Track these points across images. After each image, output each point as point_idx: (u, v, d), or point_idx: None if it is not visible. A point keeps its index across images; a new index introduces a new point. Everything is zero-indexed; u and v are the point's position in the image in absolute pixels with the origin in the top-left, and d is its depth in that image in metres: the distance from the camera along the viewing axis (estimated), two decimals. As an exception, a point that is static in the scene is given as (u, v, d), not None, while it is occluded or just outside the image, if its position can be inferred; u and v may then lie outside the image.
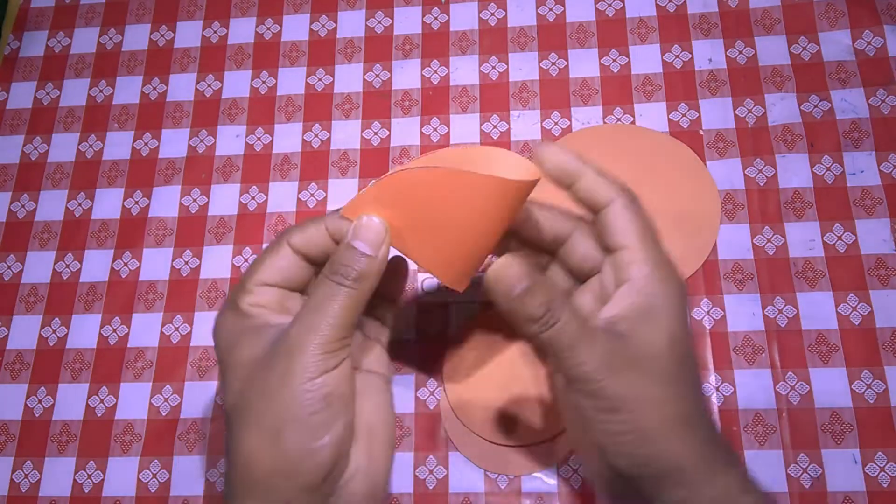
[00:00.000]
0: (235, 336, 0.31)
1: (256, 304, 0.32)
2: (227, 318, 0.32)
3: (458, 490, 0.42)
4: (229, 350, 0.31)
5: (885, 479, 0.40)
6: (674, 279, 0.32)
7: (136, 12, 0.58)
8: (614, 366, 0.30)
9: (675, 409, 0.30)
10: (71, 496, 0.45)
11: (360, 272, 0.31)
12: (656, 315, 0.31)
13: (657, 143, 0.49)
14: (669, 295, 0.31)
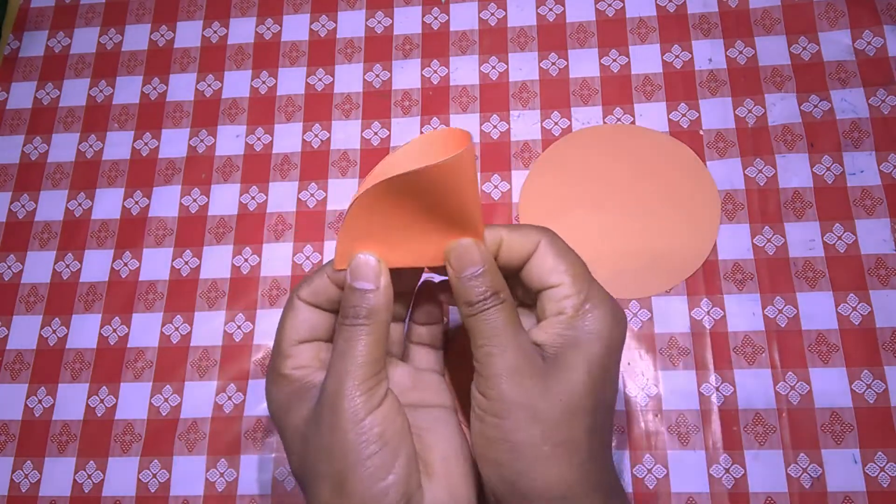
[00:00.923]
0: (285, 402, 0.32)
1: (298, 367, 0.33)
2: (274, 386, 0.33)
3: (458, 490, 0.42)
4: (282, 417, 0.32)
5: (885, 479, 0.40)
6: (608, 318, 0.31)
7: (136, 12, 0.58)
8: (520, 371, 0.29)
9: (566, 434, 0.29)
10: (71, 496, 0.45)
11: (369, 308, 0.31)
12: (582, 348, 0.30)
13: (657, 143, 0.49)
14: (601, 334, 0.31)
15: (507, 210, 0.48)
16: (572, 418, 0.29)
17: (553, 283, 0.32)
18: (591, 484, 0.29)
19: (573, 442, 0.29)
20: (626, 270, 0.46)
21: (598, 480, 0.30)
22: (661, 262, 0.46)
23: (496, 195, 0.49)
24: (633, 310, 0.45)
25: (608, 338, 0.31)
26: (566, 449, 0.29)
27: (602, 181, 0.49)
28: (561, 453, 0.29)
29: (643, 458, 0.42)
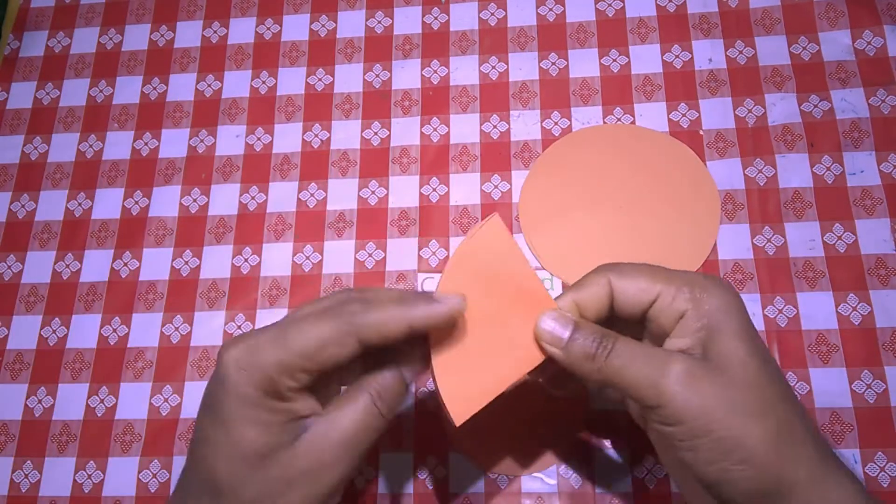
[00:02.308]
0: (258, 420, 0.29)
1: (298, 390, 0.29)
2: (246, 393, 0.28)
3: (458, 490, 0.42)
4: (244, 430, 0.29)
5: (885, 479, 0.40)
6: (722, 290, 0.30)
7: (136, 12, 0.58)
8: (688, 378, 0.28)
9: (775, 418, 0.28)
10: (71, 496, 0.45)
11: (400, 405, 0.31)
12: (722, 328, 0.29)
13: (657, 143, 0.49)
14: (729, 306, 0.30)
15: (508, 210, 0.48)
16: (764, 387, 0.28)
17: (650, 299, 0.31)
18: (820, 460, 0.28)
19: (778, 404, 0.28)
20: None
21: (822, 450, 0.29)
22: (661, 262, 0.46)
23: (496, 195, 0.49)
24: (633, 310, 0.45)
25: (735, 306, 0.30)
26: (785, 431, 0.28)
27: (602, 181, 0.49)
28: (784, 437, 0.28)
29: (644, 459, 0.42)
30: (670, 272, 0.32)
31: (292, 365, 0.28)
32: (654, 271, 0.32)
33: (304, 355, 0.28)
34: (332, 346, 0.29)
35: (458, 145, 0.50)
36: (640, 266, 0.32)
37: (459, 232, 0.48)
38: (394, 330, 0.29)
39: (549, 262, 0.47)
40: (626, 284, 0.31)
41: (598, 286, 0.32)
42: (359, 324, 0.29)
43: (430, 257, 0.48)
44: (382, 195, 0.50)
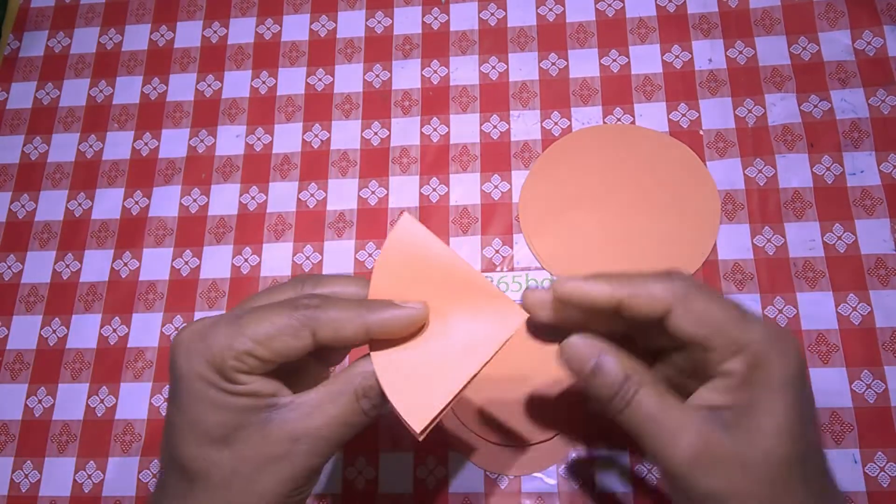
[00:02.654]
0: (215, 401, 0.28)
1: (247, 373, 0.28)
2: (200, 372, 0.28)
3: (458, 490, 0.42)
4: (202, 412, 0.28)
5: (885, 479, 0.40)
6: (782, 361, 0.26)
7: (136, 12, 0.58)
8: (708, 462, 0.26)
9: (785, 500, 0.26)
10: (71, 496, 0.45)
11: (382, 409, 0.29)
12: (765, 407, 0.26)
13: (657, 143, 0.49)
14: (783, 384, 0.26)
15: (508, 210, 0.48)
16: (786, 487, 0.26)
17: (706, 345, 0.27)
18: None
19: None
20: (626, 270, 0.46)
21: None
22: (661, 261, 0.46)
23: (496, 195, 0.49)
24: (633, 310, 0.45)
25: (790, 382, 0.26)
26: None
27: (602, 181, 0.49)
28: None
29: (644, 459, 0.42)
30: (741, 323, 0.27)
31: (241, 348, 0.27)
32: (726, 316, 0.27)
33: (254, 340, 0.27)
34: (285, 336, 0.28)
35: (458, 145, 0.50)
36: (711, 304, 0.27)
37: (459, 232, 0.48)
38: (350, 332, 0.28)
39: (548, 262, 0.47)
40: (685, 323, 0.27)
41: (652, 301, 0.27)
42: (315, 319, 0.28)
43: (430, 257, 0.48)
44: (382, 195, 0.50)
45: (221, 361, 0.27)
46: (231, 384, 0.28)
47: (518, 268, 0.47)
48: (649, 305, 0.27)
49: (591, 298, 0.28)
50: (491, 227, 0.48)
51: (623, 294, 0.28)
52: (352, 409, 0.28)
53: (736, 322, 0.27)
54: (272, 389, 0.28)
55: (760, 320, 0.27)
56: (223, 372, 0.28)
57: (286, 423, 0.28)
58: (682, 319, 0.27)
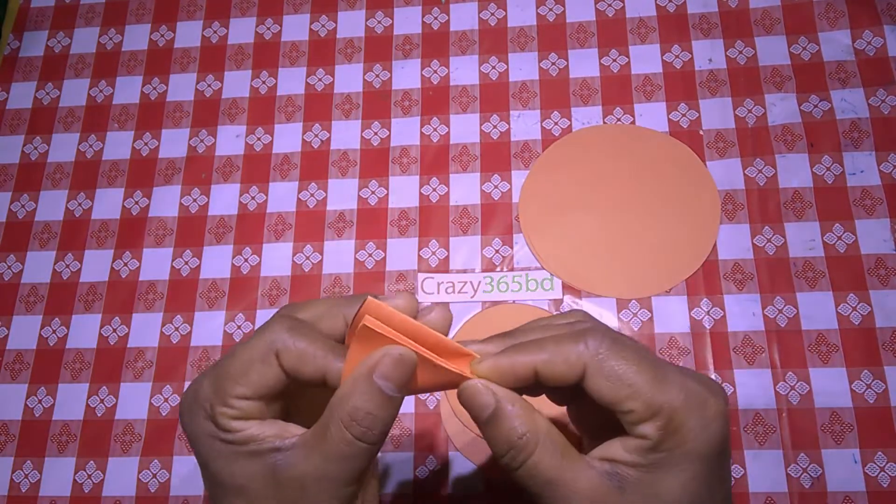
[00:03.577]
0: (223, 453, 0.27)
1: (239, 418, 0.27)
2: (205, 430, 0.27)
3: (458, 490, 0.42)
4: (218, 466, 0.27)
5: (885, 479, 0.40)
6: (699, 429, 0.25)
7: (136, 12, 0.58)
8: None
9: None
10: (71, 496, 0.45)
11: (386, 423, 0.26)
12: (673, 473, 0.25)
13: (657, 143, 0.49)
14: (696, 452, 0.25)
15: (508, 210, 0.48)
16: None
17: (618, 409, 0.26)
18: None
19: None
20: (626, 270, 0.46)
21: None
22: (661, 262, 0.46)
23: (496, 195, 0.49)
24: (633, 310, 0.45)
25: (705, 452, 0.25)
26: None
27: (602, 181, 0.49)
28: None
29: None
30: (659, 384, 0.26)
31: (225, 392, 0.26)
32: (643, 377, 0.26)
33: (232, 378, 0.26)
34: (257, 365, 0.26)
35: (458, 145, 0.50)
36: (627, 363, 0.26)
37: (459, 232, 0.48)
38: (309, 370, 0.26)
39: (549, 262, 0.47)
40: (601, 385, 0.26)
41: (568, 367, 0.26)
42: (280, 343, 0.26)
43: (430, 257, 0.48)
44: (382, 195, 0.50)
45: (213, 412, 0.26)
46: (228, 433, 0.26)
47: (518, 268, 0.47)
48: (563, 373, 0.26)
49: (511, 374, 0.27)
50: (491, 227, 0.48)
51: (538, 362, 0.26)
52: (345, 442, 0.26)
53: (653, 384, 0.25)
54: (274, 432, 0.27)
55: (682, 381, 0.26)
56: (217, 422, 0.26)
57: (291, 467, 0.26)
58: (597, 383, 0.26)
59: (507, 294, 0.46)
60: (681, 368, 0.27)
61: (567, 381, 0.26)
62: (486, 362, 0.27)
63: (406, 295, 0.28)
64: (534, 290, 0.46)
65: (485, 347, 0.28)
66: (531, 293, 0.46)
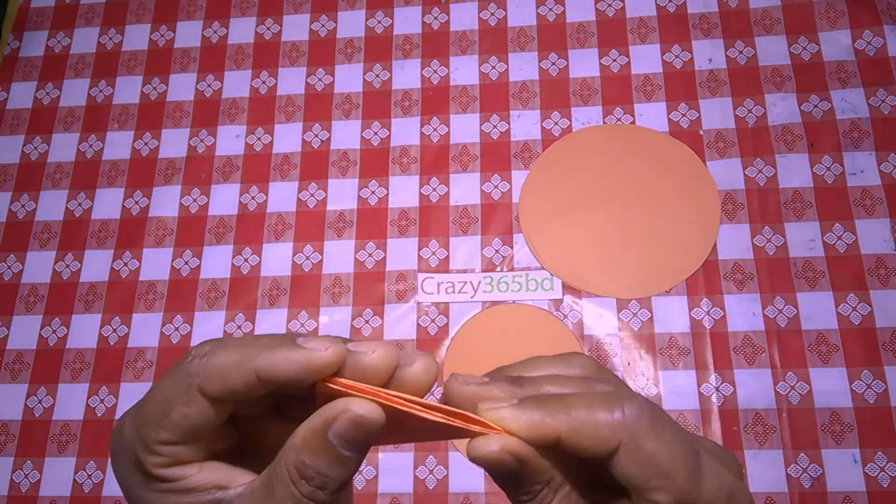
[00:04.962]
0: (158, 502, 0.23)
1: (172, 465, 0.23)
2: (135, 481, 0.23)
3: (458, 490, 0.42)
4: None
5: (885, 479, 0.40)
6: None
7: (136, 12, 0.58)
8: None
9: None
10: (71, 496, 0.45)
11: (342, 483, 0.22)
12: None
13: (657, 143, 0.49)
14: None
15: (508, 210, 0.48)
16: None
17: (645, 496, 0.22)
18: None
19: None
20: (626, 270, 0.46)
21: None
22: (661, 262, 0.46)
23: (496, 195, 0.49)
24: (633, 310, 0.45)
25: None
26: None
27: (602, 181, 0.49)
28: None
29: None
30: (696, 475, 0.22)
31: (148, 438, 0.22)
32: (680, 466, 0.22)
33: (151, 423, 0.22)
34: (176, 406, 0.22)
35: (458, 145, 0.50)
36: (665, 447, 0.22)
37: (459, 232, 0.48)
38: (238, 380, 0.22)
39: (549, 262, 0.47)
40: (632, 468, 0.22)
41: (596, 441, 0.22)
42: (195, 375, 0.22)
43: (429, 257, 0.48)
44: (382, 195, 0.50)
45: (140, 461, 0.22)
46: (162, 483, 0.22)
47: (518, 268, 0.47)
48: (590, 447, 0.22)
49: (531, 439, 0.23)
50: (491, 227, 0.48)
51: (561, 429, 0.22)
52: (289, 497, 0.22)
53: (689, 474, 0.22)
54: (216, 479, 0.23)
55: (717, 471, 0.23)
56: (147, 472, 0.22)
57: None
58: (627, 466, 0.22)
59: (507, 294, 0.46)
60: (711, 446, 0.24)
61: (591, 454, 0.22)
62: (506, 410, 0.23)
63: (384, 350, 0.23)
64: (534, 290, 0.46)
65: (488, 389, 0.24)
66: (531, 293, 0.46)
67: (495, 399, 0.23)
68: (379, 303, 0.47)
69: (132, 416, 0.23)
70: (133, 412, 0.23)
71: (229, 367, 0.22)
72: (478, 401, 0.23)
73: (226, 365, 0.22)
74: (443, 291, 0.47)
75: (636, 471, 0.22)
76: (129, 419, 0.23)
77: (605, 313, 0.45)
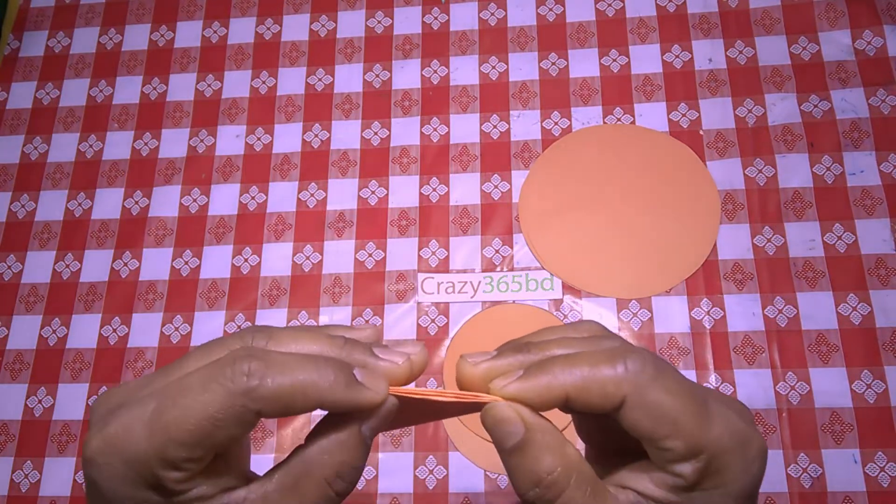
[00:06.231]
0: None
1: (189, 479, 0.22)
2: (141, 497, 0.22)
3: (458, 490, 0.42)
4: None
5: (885, 479, 0.40)
6: (741, 472, 0.23)
7: (136, 12, 0.58)
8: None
9: None
10: (71, 496, 0.45)
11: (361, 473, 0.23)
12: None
13: (657, 143, 0.49)
14: (733, 497, 0.24)
15: (508, 210, 0.48)
16: None
17: (657, 446, 0.23)
18: None
19: None
20: (626, 270, 0.46)
21: None
22: (661, 262, 0.46)
23: (496, 195, 0.49)
24: (633, 310, 0.45)
25: (744, 495, 0.24)
26: None
27: (602, 181, 0.49)
28: None
29: None
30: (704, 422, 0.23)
31: (176, 455, 0.21)
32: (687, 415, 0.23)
33: (187, 444, 0.21)
34: (226, 427, 0.21)
35: (458, 145, 0.50)
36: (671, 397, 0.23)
37: (459, 232, 0.48)
38: (300, 408, 0.22)
39: (549, 262, 0.47)
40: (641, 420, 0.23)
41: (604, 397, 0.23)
42: (256, 400, 0.21)
43: (429, 257, 0.48)
44: (382, 195, 0.50)
45: (158, 478, 0.22)
46: (175, 496, 0.22)
47: (518, 268, 0.47)
48: (598, 402, 0.23)
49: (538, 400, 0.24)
50: (491, 227, 0.48)
51: (569, 387, 0.23)
52: (322, 498, 0.23)
53: (698, 422, 0.23)
54: (220, 487, 0.23)
55: (727, 416, 0.24)
56: (165, 488, 0.22)
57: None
58: (635, 417, 0.23)
59: (507, 294, 0.46)
60: (720, 396, 0.25)
61: (600, 410, 0.23)
62: (513, 384, 0.24)
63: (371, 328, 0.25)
64: (534, 290, 0.46)
65: (497, 363, 0.25)
66: (531, 293, 0.46)
67: (505, 374, 0.24)
68: (379, 303, 0.47)
69: (149, 429, 0.21)
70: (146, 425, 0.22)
71: (294, 396, 0.22)
72: (489, 378, 0.24)
73: (291, 394, 0.22)
74: (443, 291, 0.47)
75: (645, 421, 0.23)
76: (139, 431, 0.22)
77: (605, 313, 0.45)
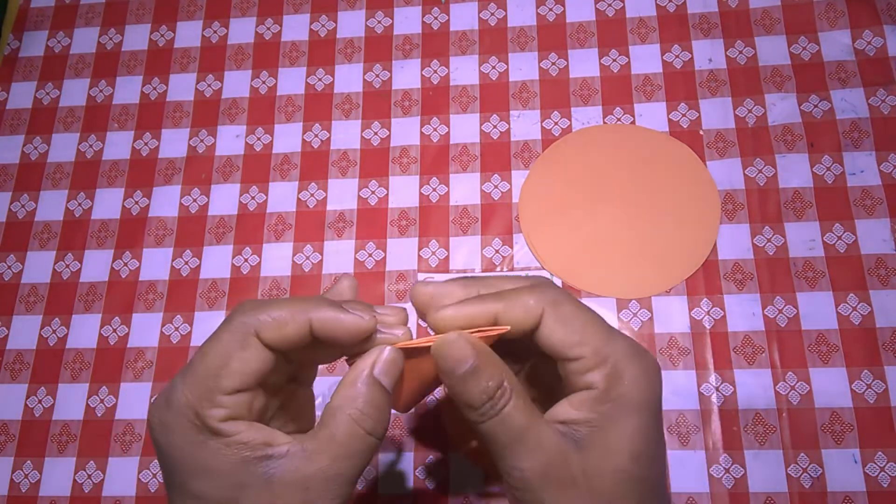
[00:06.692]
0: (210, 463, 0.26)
1: (230, 418, 0.26)
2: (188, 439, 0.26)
3: (458, 490, 0.42)
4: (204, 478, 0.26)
5: (885, 479, 0.40)
6: (642, 379, 0.27)
7: (136, 12, 0.58)
8: (557, 478, 0.26)
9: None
10: (71, 496, 0.45)
11: (388, 417, 0.27)
12: (619, 423, 0.27)
13: (657, 143, 0.49)
14: (638, 402, 0.27)
15: (508, 210, 0.48)
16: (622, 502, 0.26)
17: (570, 356, 0.27)
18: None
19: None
20: (626, 270, 0.46)
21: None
22: (661, 262, 0.46)
23: (496, 195, 0.49)
24: (633, 310, 0.45)
25: (647, 403, 0.27)
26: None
27: (602, 181, 0.49)
28: None
29: (643, 458, 0.42)
30: (607, 334, 0.27)
31: (210, 390, 0.26)
32: (593, 327, 0.27)
33: (213, 375, 0.26)
34: (236, 354, 0.26)
35: (458, 145, 0.50)
36: (580, 312, 0.28)
37: (459, 232, 0.48)
38: (293, 330, 0.26)
39: (549, 262, 0.47)
40: (556, 329, 0.27)
41: (526, 312, 0.27)
42: (251, 324, 0.26)
43: (429, 257, 0.48)
44: (382, 195, 0.50)
45: (201, 417, 0.26)
46: (220, 438, 0.26)
47: (518, 268, 0.47)
48: (524, 317, 0.27)
49: (472, 321, 0.28)
50: (491, 227, 0.48)
51: (498, 309, 0.28)
52: (356, 436, 0.26)
53: (601, 334, 0.27)
54: (264, 438, 0.26)
55: (624, 336, 0.28)
56: (208, 426, 0.26)
57: (290, 472, 0.26)
58: (551, 328, 0.27)
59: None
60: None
61: (525, 326, 0.28)
62: (450, 309, 0.28)
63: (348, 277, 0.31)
64: (534, 290, 0.46)
65: (446, 289, 0.29)
66: (531, 293, 0.46)
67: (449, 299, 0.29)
68: (379, 302, 0.47)
69: (185, 380, 0.26)
70: (184, 378, 0.26)
71: (285, 318, 0.26)
72: (435, 300, 0.29)
73: (282, 316, 0.26)
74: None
75: (559, 331, 0.27)
76: (180, 386, 0.26)
77: (605, 313, 0.45)
